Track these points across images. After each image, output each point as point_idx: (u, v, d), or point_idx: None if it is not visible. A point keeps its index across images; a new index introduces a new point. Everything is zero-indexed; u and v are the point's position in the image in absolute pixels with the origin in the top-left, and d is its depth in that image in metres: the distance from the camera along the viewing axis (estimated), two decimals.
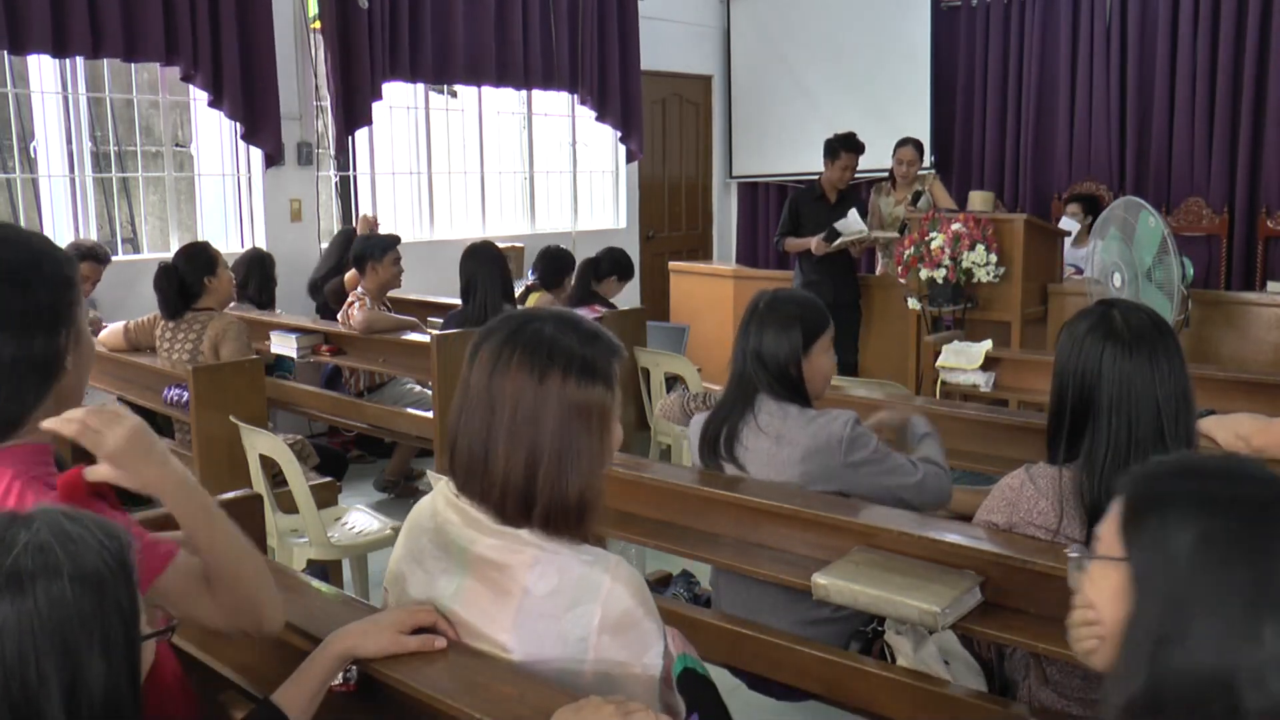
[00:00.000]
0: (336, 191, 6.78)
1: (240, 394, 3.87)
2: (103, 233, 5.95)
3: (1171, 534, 1.08)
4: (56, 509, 1.11)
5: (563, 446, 1.45)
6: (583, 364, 1.46)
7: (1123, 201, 4.61)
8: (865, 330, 6.30)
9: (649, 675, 1.45)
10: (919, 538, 2.13)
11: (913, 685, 2.08)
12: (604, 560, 1.47)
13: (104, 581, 1.08)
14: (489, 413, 1.46)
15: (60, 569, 1.05)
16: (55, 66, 5.50)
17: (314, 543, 3.49)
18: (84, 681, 1.05)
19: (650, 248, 8.66)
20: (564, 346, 1.47)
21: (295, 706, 1.43)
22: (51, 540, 1.06)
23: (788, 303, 2.54)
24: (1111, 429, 1.94)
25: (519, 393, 1.44)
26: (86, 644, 1.05)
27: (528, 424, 1.44)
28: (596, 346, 1.49)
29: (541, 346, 1.46)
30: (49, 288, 1.41)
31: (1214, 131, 7.15)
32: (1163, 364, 1.94)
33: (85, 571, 1.06)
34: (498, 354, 1.47)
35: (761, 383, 2.49)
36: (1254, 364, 5.04)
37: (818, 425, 2.44)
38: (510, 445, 1.44)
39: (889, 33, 8.12)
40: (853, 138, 6.04)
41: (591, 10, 7.46)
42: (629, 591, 1.44)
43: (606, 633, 1.42)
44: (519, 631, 1.45)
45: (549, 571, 1.45)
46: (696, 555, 2.47)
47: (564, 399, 1.45)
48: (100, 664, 1.06)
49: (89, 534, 1.09)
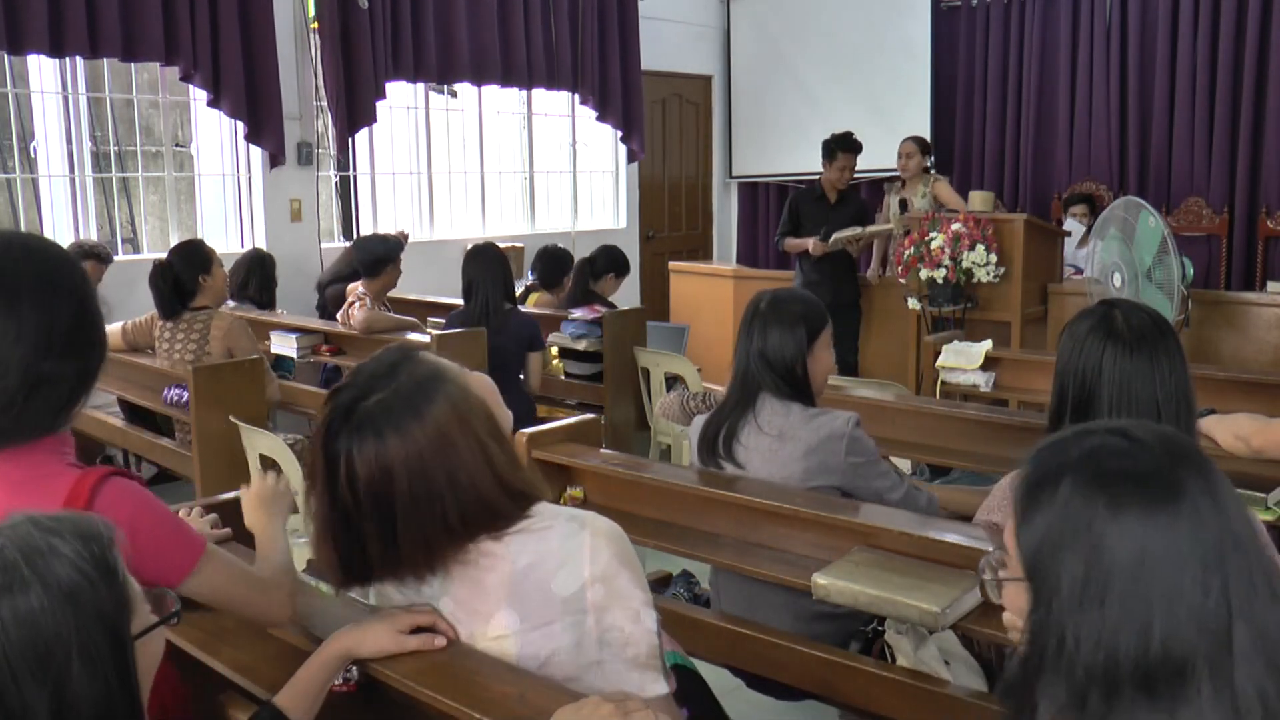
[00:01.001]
0: (336, 191, 6.78)
1: (240, 394, 3.87)
2: (103, 233, 5.95)
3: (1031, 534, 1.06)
4: (27, 519, 1.09)
5: (446, 478, 1.43)
6: (406, 401, 1.43)
7: (1123, 201, 4.61)
8: (865, 330, 6.29)
9: (647, 629, 1.46)
10: (919, 538, 2.13)
11: (913, 685, 2.07)
12: (579, 517, 1.49)
13: (79, 590, 1.05)
14: (368, 514, 1.43)
15: (28, 586, 1.03)
16: (55, 66, 5.50)
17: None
18: (71, 696, 1.03)
19: (650, 248, 8.66)
20: (381, 407, 1.43)
21: (297, 708, 1.44)
22: (17, 557, 1.04)
23: (790, 301, 2.55)
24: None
25: (380, 478, 1.41)
26: (65, 659, 1.03)
27: (388, 502, 1.42)
28: (403, 370, 1.46)
29: (372, 420, 1.42)
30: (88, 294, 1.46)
31: (1214, 131, 7.14)
32: (1163, 364, 1.93)
33: (57, 584, 1.04)
34: (346, 461, 1.43)
35: (766, 382, 2.50)
36: (1254, 364, 5.04)
37: (820, 422, 2.46)
38: (407, 520, 1.43)
39: (889, 33, 8.11)
40: (849, 138, 6.03)
41: (592, 10, 7.47)
42: (608, 542, 1.47)
43: (598, 582, 1.44)
44: (516, 606, 1.45)
45: (529, 542, 1.46)
46: (696, 555, 2.47)
47: (412, 447, 1.41)
48: (84, 675, 1.04)
49: (61, 541, 1.07)
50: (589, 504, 2.66)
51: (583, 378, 5.30)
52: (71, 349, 1.41)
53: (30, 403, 1.38)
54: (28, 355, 1.37)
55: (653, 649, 1.47)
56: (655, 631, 1.48)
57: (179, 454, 4.07)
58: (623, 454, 3.06)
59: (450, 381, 1.49)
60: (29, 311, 1.37)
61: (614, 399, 5.18)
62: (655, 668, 1.47)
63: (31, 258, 1.41)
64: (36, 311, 1.38)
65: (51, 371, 1.39)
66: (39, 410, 1.40)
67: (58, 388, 1.41)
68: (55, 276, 1.41)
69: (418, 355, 1.51)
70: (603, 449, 2.87)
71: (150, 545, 1.40)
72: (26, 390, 1.37)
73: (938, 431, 3.19)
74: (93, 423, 4.45)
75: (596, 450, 2.79)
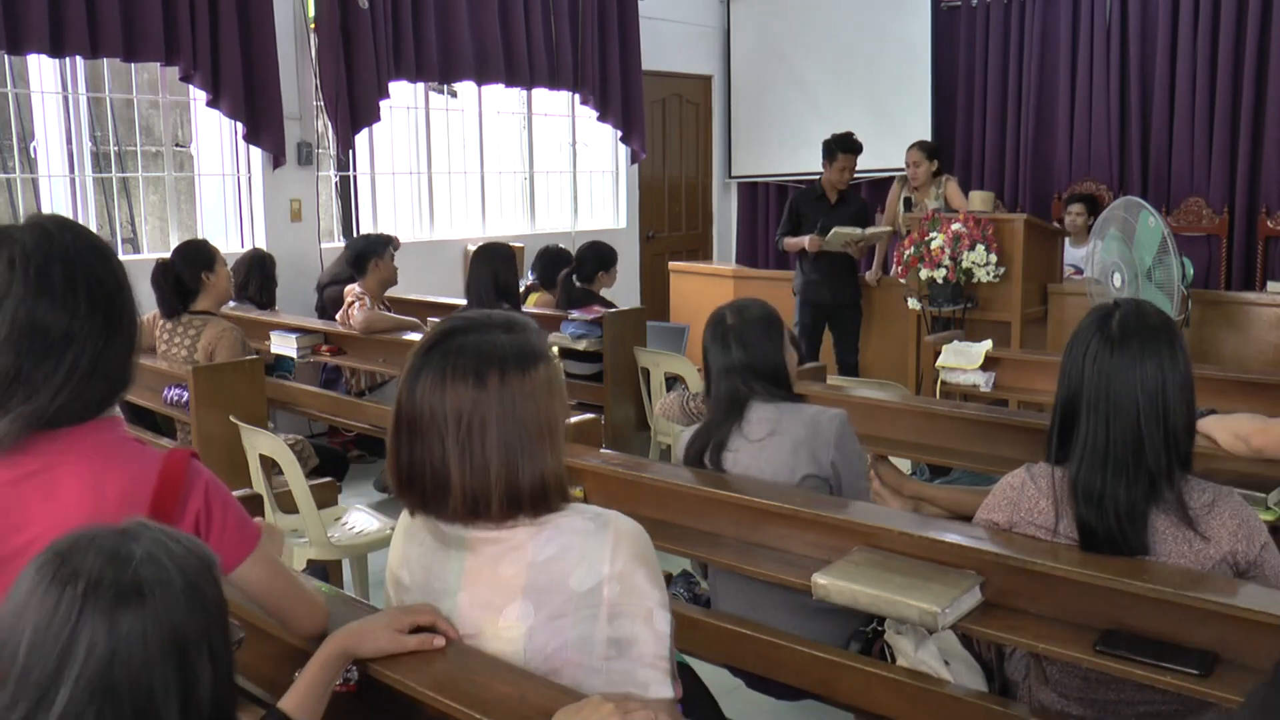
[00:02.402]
0: (336, 191, 6.78)
1: (240, 394, 3.87)
2: (103, 233, 5.93)
3: None
4: (156, 526, 1.15)
5: (528, 437, 1.45)
6: (517, 355, 1.47)
7: (1123, 201, 4.61)
8: (865, 330, 6.29)
9: (659, 630, 1.46)
10: (919, 538, 2.13)
11: (913, 685, 2.08)
12: (603, 515, 1.49)
13: (205, 592, 1.12)
14: (442, 437, 1.45)
15: (172, 580, 1.09)
16: (55, 66, 5.50)
17: (314, 543, 3.49)
18: (197, 689, 1.09)
19: (650, 248, 8.66)
20: (491, 345, 1.47)
21: (303, 711, 1.44)
22: (160, 553, 1.10)
23: (751, 308, 2.60)
24: (1089, 428, 1.94)
25: (466, 407, 1.44)
26: (197, 652, 1.09)
27: (479, 433, 1.44)
28: (518, 331, 1.51)
29: (469, 355, 1.46)
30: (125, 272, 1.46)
31: (1214, 131, 7.14)
32: (1148, 364, 1.90)
33: (192, 582, 1.10)
34: (429, 376, 1.46)
35: (756, 392, 2.53)
36: (1254, 364, 5.05)
37: (810, 415, 2.51)
38: (471, 462, 1.44)
39: (889, 32, 8.12)
40: (848, 138, 6.03)
41: (592, 10, 7.47)
42: (631, 541, 1.47)
43: (614, 580, 1.44)
44: (532, 597, 1.45)
45: (554, 535, 1.47)
46: (696, 555, 2.48)
47: (508, 395, 1.45)
48: (209, 671, 1.10)
49: (186, 549, 1.13)
50: (589, 504, 2.65)
51: (583, 378, 5.30)
52: (123, 325, 1.43)
53: (94, 380, 1.39)
54: (93, 332, 1.38)
55: (661, 650, 1.47)
56: (667, 634, 1.48)
57: None
58: (623, 454, 3.06)
59: (552, 360, 1.54)
60: (87, 291, 1.38)
61: (614, 399, 5.18)
62: (663, 669, 1.47)
63: (81, 236, 1.42)
64: (93, 289, 1.39)
65: (110, 347, 1.40)
66: (101, 387, 1.41)
67: (116, 364, 1.42)
68: (106, 252, 1.43)
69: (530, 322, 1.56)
70: (603, 449, 2.87)
71: (217, 526, 1.45)
72: (91, 366, 1.38)
73: (938, 431, 3.19)
74: None
75: (596, 450, 2.79)
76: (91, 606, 1.04)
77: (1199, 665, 1.76)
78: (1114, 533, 1.92)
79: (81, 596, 1.04)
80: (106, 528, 1.12)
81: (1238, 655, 1.77)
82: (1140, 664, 1.80)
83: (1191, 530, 1.90)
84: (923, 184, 6.22)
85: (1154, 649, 1.81)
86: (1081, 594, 1.92)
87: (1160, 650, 1.81)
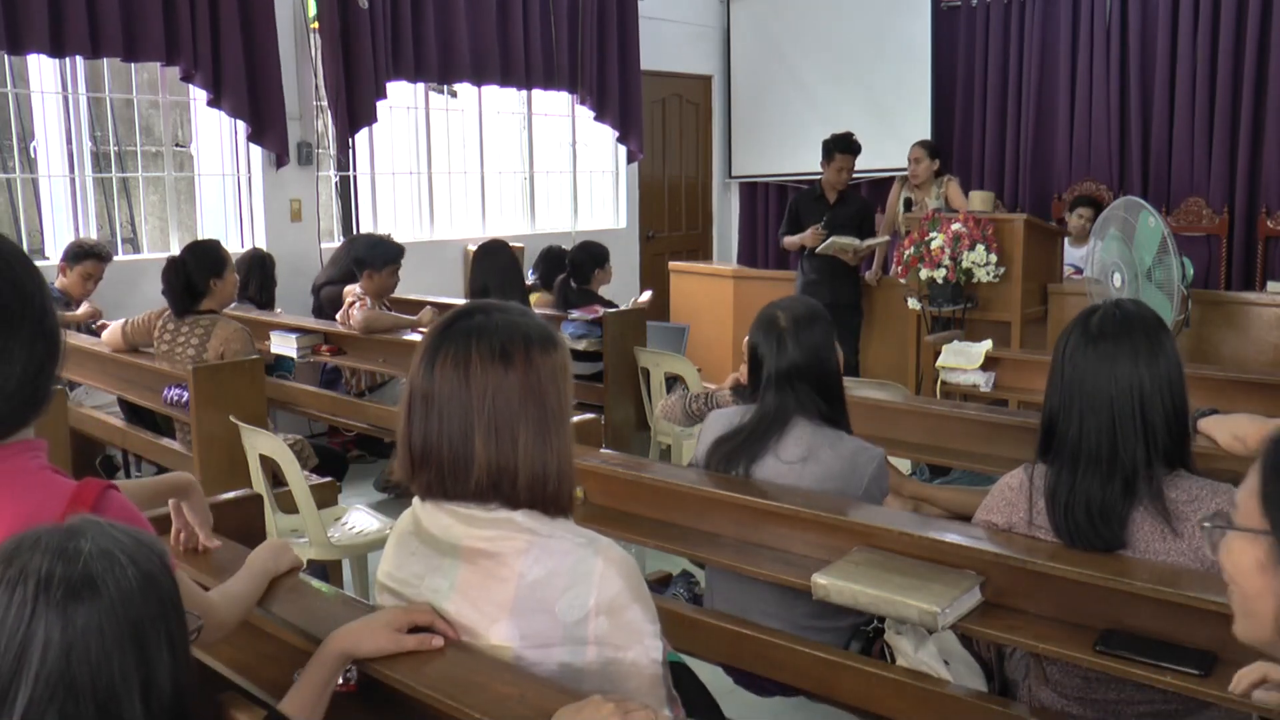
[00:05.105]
0: (336, 191, 6.78)
1: (240, 394, 3.87)
2: (103, 233, 5.95)
3: None
4: (102, 521, 1.14)
5: (551, 417, 1.46)
6: (541, 335, 1.48)
7: (1123, 201, 4.61)
8: (865, 330, 6.30)
9: (651, 659, 1.45)
10: (919, 538, 2.13)
11: (913, 685, 2.08)
12: (595, 542, 1.47)
13: (159, 581, 1.13)
14: (466, 413, 1.44)
15: (125, 571, 1.09)
16: (55, 66, 5.49)
17: (314, 543, 3.49)
18: (156, 677, 1.10)
19: (650, 248, 8.66)
20: (515, 324, 1.48)
21: (304, 711, 1.44)
22: (110, 546, 1.10)
23: (802, 305, 2.50)
24: (1066, 426, 1.95)
25: (491, 384, 1.44)
26: (155, 641, 1.10)
27: (506, 410, 1.44)
28: (534, 317, 1.53)
29: (494, 334, 1.46)
30: (40, 281, 1.37)
31: (1214, 131, 7.14)
32: (1122, 360, 1.89)
33: (145, 572, 1.11)
34: (451, 352, 1.46)
35: (804, 408, 2.42)
36: (1254, 364, 5.05)
37: (850, 450, 2.41)
38: (497, 437, 1.44)
39: (889, 32, 8.12)
40: (847, 138, 6.03)
41: (591, 10, 7.46)
42: (620, 573, 1.44)
43: (602, 614, 1.43)
44: (517, 620, 1.45)
45: (541, 557, 1.45)
46: (696, 555, 2.47)
47: (531, 376, 1.45)
48: (168, 659, 1.11)
49: (136, 540, 1.14)
50: (589, 504, 2.66)
51: (583, 378, 5.30)
52: (53, 337, 1.36)
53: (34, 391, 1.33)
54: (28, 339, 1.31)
55: (656, 679, 1.46)
56: (659, 662, 1.47)
57: (179, 454, 4.07)
58: (623, 454, 3.06)
59: (565, 347, 1.54)
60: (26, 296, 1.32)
61: (614, 399, 5.18)
62: (659, 696, 1.46)
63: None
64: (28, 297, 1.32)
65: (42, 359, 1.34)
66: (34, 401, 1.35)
67: (47, 376, 1.36)
68: (27, 262, 1.35)
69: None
70: (603, 449, 2.87)
71: None
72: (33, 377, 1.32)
73: (938, 431, 3.19)
74: (93, 423, 4.45)
75: (597, 450, 2.79)
76: (44, 604, 1.05)
77: (1199, 665, 1.76)
78: (1084, 529, 1.93)
79: (33, 596, 1.05)
80: (51, 527, 1.12)
81: (1238, 655, 1.77)
82: (1140, 664, 1.80)
83: (1167, 526, 1.90)
84: (923, 181, 6.22)
85: (1154, 649, 1.81)
86: (1081, 594, 1.92)
87: (1160, 650, 1.81)
